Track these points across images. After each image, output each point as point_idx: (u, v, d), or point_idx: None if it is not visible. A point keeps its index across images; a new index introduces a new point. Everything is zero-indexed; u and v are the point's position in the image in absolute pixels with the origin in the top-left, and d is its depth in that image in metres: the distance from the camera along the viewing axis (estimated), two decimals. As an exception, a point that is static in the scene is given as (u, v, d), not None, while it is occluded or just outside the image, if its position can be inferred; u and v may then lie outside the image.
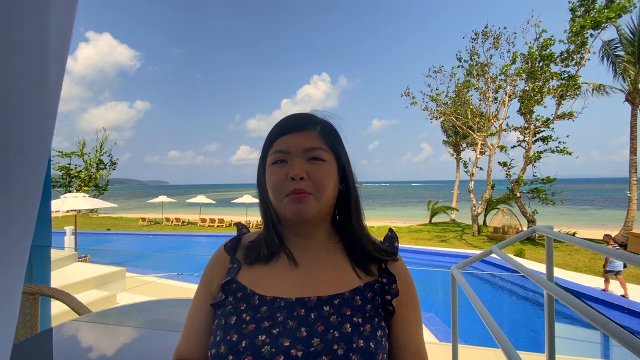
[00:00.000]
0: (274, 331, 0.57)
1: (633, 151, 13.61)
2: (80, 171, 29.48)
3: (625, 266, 7.44)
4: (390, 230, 0.76)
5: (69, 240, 6.78)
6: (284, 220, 0.68)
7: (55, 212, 9.29)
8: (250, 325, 0.58)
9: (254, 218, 23.14)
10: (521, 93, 14.77)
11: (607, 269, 7.39)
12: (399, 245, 0.73)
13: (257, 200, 0.73)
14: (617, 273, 7.34)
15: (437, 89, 16.86)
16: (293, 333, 0.56)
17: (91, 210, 28.65)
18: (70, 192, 22.87)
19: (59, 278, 4.13)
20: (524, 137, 15.13)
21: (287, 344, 0.55)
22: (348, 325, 0.58)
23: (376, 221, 24.87)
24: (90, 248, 14.27)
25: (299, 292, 0.62)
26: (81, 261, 7.61)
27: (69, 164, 29.54)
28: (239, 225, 0.79)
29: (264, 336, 0.56)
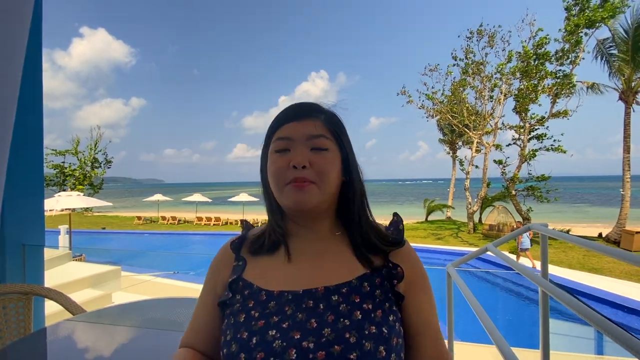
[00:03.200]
0: (284, 325, 0.56)
1: (626, 149, 13.74)
2: (75, 170, 29.22)
3: (531, 244, 9.96)
4: (395, 214, 0.75)
5: (63, 239, 6.73)
6: (287, 210, 0.67)
7: (50, 210, 9.21)
8: (260, 322, 0.58)
9: (251, 216, 23.10)
10: (516, 91, 14.87)
11: (520, 247, 9.87)
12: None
13: (253, 199, 0.72)
14: (525, 250, 9.82)
15: (433, 88, 16.94)
16: (303, 325, 0.56)
17: (86, 209, 28.42)
18: (64, 190, 22.67)
19: (53, 277, 4.10)
20: (519, 135, 15.23)
21: (298, 336, 0.55)
22: (358, 313, 0.57)
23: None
24: (85, 247, 14.19)
25: (306, 283, 0.62)
26: (76, 260, 7.55)
27: (63, 162, 29.27)
28: (244, 222, 0.78)
29: (274, 331, 0.56)
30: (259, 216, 24.54)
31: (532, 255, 9.82)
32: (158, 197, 25.40)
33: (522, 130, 14.97)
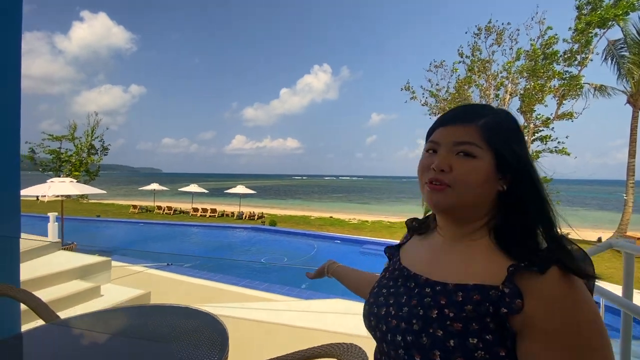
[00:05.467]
0: (391, 290, 0.72)
1: (632, 154, 13.59)
2: (71, 155, 28.86)
3: None
4: (562, 235, 0.61)
5: (52, 227, 6.50)
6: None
7: (42, 196, 8.96)
8: (384, 280, 0.77)
9: (247, 209, 22.90)
10: (522, 91, 14.64)
11: None
12: None
13: (251, 192, 0.52)
14: None
15: (437, 85, 16.67)
16: (398, 297, 0.68)
17: (82, 196, 28.09)
18: (60, 177, 22.39)
19: (39, 268, 3.88)
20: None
21: (391, 301, 0.69)
22: (435, 312, 0.59)
23: (370, 216, 24.83)
24: (77, 235, 13.95)
25: (420, 269, 0.70)
26: (65, 249, 7.32)
27: (60, 147, 28.90)
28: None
29: (385, 290, 0.73)
30: (256, 209, 24.38)
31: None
32: (154, 186, 25.09)
33: (526, 130, 14.77)
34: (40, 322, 1.33)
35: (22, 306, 1.55)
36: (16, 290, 1.37)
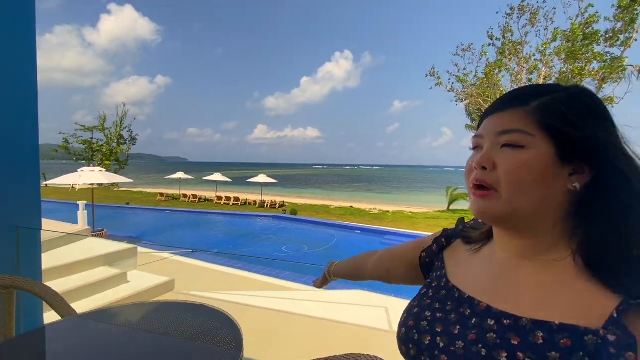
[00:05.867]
0: (438, 315, 0.58)
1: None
2: (102, 145, 30.18)
3: None
4: None
5: (82, 215, 6.84)
6: None
7: (73, 185, 9.43)
8: (427, 300, 0.62)
9: (269, 197, 23.18)
10: (558, 75, 13.71)
11: None
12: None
13: (272, 181, 0.43)
14: None
15: (464, 69, 15.91)
16: (449, 326, 0.55)
17: (112, 184, 29.44)
18: (93, 165, 23.53)
19: (69, 254, 4.05)
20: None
21: (439, 330, 0.55)
22: (505, 355, 0.45)
23: (391, 206, 24.49)
24: (107, 222, 14.63)
25: (476, 292, 0.56)
26: (96, 235, 7.67)
27: (91, 138, 30.26)
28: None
29: (429, 313, 0.59)
30: (277, 198, 24.64)
31: None
32: (180, 175, 25.82)
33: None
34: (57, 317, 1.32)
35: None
36: (31, 283, 1.37)
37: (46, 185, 9.90)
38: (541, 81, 14.20)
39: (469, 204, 0.57)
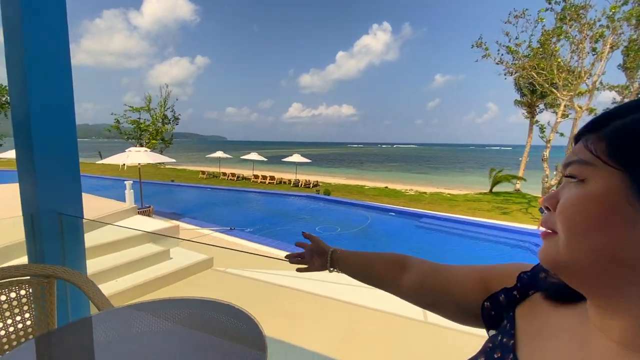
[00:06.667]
0: None
1: None
2: (149, 125, 32.00)
3: None
4: None
5: (129, 193, 7.35)
6: None
7: (122, 165, 10.18)
8: None
9: (303, 177, 23.40)
10: (627, 43, 12.00)
11: None
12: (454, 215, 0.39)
13: (306, 160, 0.34)
14: None
15: (516, 38, 14.43)
16: None
17: (159, 163, 31.35)
18: (141, 145, 25.02)
19: (116, 232, 4.34)
20: (622, 97, 12.57)
21: None
22: None
23: (428, 187, 23.69)
24: (154, 198, 15.58)
25: None
26: (142, 212, 8.22)
27: (139, 118, 32.13)
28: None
29: None
30: (311, 177, 24.83)
31: None
32: (219, 154, 26.79)
33: (627, 91, 12.29)
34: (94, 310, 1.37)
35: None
36: (71, 273, 1.42)
37: (102, 162, 10.83)
38: (607, 50, 12.54)
39: (512, 186, 0.41)
